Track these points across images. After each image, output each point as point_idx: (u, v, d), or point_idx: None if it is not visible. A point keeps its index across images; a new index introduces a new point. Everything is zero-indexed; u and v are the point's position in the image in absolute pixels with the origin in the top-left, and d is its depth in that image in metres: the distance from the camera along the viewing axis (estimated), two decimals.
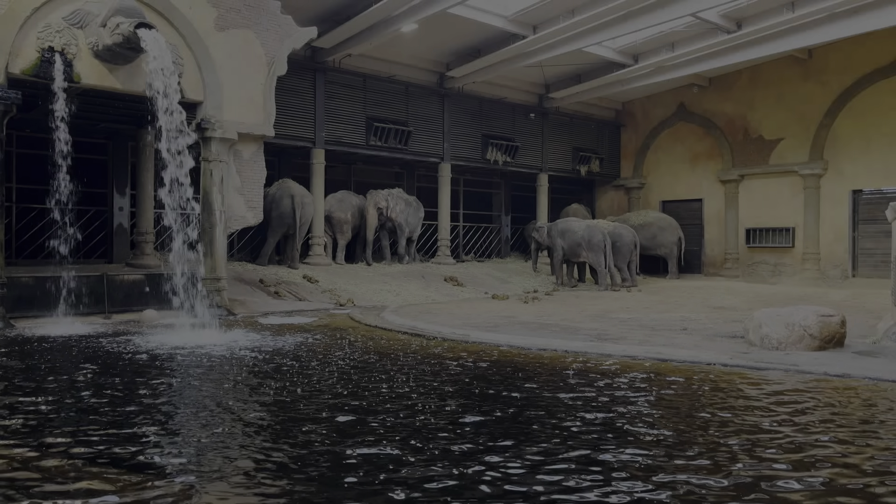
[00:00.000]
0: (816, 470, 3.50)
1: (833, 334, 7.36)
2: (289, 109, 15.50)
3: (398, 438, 4.05)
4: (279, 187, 15.47)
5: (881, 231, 17.57)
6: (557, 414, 4.74)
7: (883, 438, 4.17)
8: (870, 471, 3.50)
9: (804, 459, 3.68)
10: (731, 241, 20.72)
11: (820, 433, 4.22)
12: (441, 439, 4.06)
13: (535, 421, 4.56)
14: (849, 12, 14.35)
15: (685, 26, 16.45)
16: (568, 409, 4.89)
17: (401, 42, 16.73)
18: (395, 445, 3.90)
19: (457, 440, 4.04)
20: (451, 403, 5.11)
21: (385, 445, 3.89)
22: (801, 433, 4.22)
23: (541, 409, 4.92)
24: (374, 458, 3.67)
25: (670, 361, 6.80)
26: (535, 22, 16.01)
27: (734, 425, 4.41)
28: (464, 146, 19.38)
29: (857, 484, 3.30)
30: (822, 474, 3.43)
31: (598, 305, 12.91)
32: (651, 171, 22.96)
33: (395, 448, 3.84)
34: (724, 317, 10.94)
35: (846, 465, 3.58)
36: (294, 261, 15.49)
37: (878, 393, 5.45)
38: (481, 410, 4.82)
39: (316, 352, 7.46)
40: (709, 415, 4.72)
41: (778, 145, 19.73)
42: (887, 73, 17.52)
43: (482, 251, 22.11)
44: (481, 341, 8.17)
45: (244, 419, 4.59)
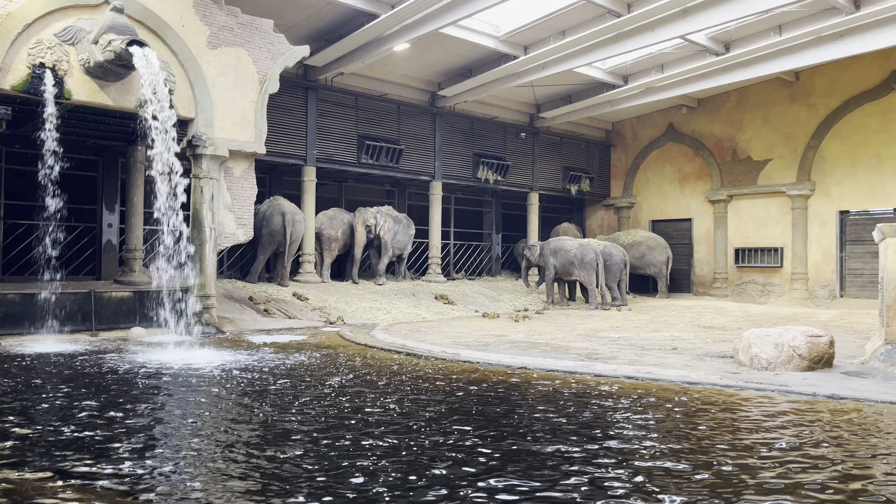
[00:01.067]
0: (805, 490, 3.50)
1: (822, 355, 7.39)
2: (280, 127, 15.53)
3: (388, 463, 4.02)
4: (270, 205, 15.45)
5: (868, 252, 17.72)
6: (548, 435, 4.71)
7: (870, 464, 4.17)
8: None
9: (796, 482, 3.68)
10: (721, 261, 20.83)
11: (811, 454, 4.22)
12: (436, 464, 4.03)
13: (524, 443, 4.53)
14: (834, 36, 14.57)
15: (674, 48, 16.65)
16: (558, 429, 4.87)
17: (393, 61, 16.84)
18: (386, 470, 3.86)
19: (448, 463, 4.01)
20: (444, 426, 5.08)
21: (376, 474, 3.85)
22: (793, 453, 4.21)
23: (532, 429, 4.89)
24: (366, 488, 3.63)
25: (661, 381, 6.80)
26: (527, 43, 16.16)
27: (726, 445, 4.40)
28: (455, 165, 19.45)
29: None
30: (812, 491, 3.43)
31: (589, 324, 12.91)
32: (641, 191, 23.10)
33: (385, 471, 3.81)
34: (714, 336, 10.96)
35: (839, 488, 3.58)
36: (284, 278, 15.43)
37: (867, 414, 5.46)
38: (472, 432, 4.79)
39: (304, 371, 7.41)
40: (701, 436, 4.71)
41: (766, 166, 19.91)
42: (873, 96, 17.77)
43: (473, 269, 22.12)
44: (472, 360, 8.14)
45: (226, 443, 4.54)
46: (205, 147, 11.19)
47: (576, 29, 15.23)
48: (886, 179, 17.53)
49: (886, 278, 8.13)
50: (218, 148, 11.31)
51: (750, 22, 15.00)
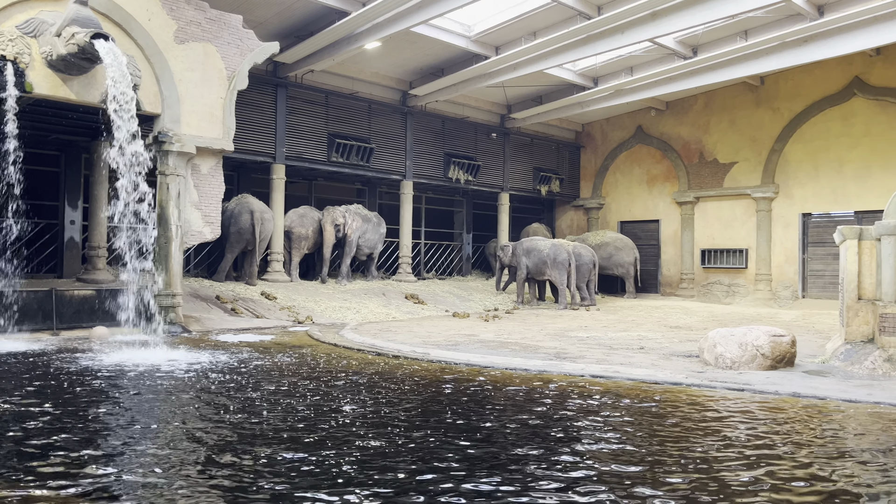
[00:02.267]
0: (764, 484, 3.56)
1: (784, 354, 7.53)
2: (249, 124, 15.36)
3: (356, 465, 3.99)
4: (238, 202, 15.25)
5: (829, 254, 18.12)
6: (516, 434, 4.72)
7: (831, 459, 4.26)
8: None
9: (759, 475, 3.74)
10: (687, 262, 21.13)
11: (770, 450, 4.29)
12: (402, 467, 4.01)
13: (492, 442, 4.54)
14: (798, 42, 14.87)
15: (644, 51, 16.84)
16: (525, 427, 4.89)
17: (364, 59, 16.76)
18: (352, 468, 3.83)
19: (415, 462, 4.00)
20: (412, 425, 5.06)
21: (343, 475, 3.82)
22: (754, 449, 4.29)
23: (500, 429, 4.90)
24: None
25: (628, 380, 6.87)
26: (498, 43, 16.21)
27: (691, 442, 4.46)
28: (426, 164, 19.43)
29: None
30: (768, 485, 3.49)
31: (558, 324, 13.00)
32: (610, 192, 23.33)
33: (353, 471, 3.78)
34: (680, 336, 11.11)
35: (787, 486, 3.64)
36: (252, 277, 15.25)
37: (827, 412, 5.58)
38: (441, 431, 4.78)
39: (271, 371, 7.33)
40: (667, 433, 4.77)
41: (732, 169, 20.25)
42: (835, 101, 18.17)
43: (444, 269, 22.12)
44: (442, 360, 8.13)
45: (187, 449, 4.47)
46: (171, 143, 11.01)
47: (547, 30, 15.33)
48: (847, 183, 17.94)
49: (846, 279, 8.31)
50: (185, 144, 11.14)
51: (717, 27, 15.25)
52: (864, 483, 3.74)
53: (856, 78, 17.70)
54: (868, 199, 17.34)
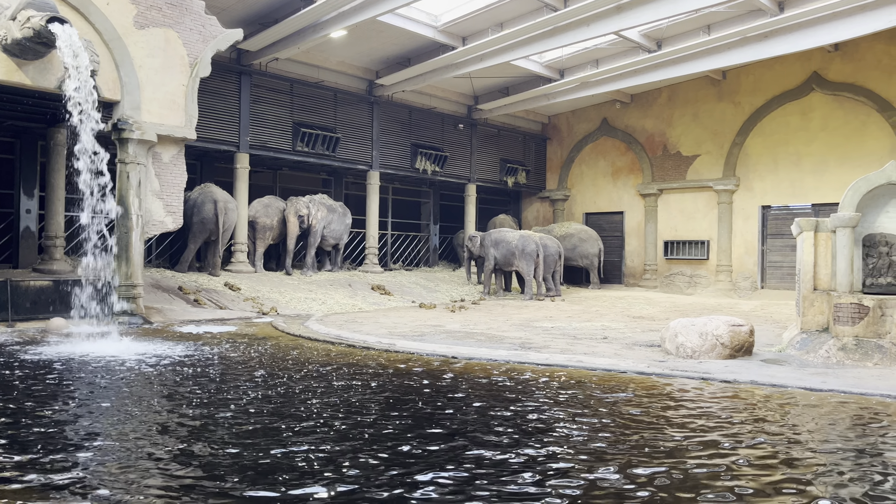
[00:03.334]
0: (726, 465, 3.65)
1: (742, 343, 7.71)
2: (212, 112, 15.10)
3: (319, 455, 3.97)
4: (201, 192, 15.01)
5: (787, 245, 18.56)
6: (479, 423, 4.76)
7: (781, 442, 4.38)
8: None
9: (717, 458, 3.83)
10: (651, 253, 21.44)
11: (726, 433, 4.40)
12: (373, 461, 4.01)
13: (456, 433, 4.56)
14: (759, 37, 15.15)
15: (609, 44, 16.99)
16: (489, 416, 4.92)
17: (329, 48, 16.59)
18: (318, 463, 3.82)
19: (379, 453, 4.00)
20: (376, 416, 5.06)
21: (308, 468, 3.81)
22: (712, 435, 4.39)
23: (464, 418, 4.93)
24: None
25: (591, 369, 6.96)
26: (465, 34, 16.19)
27: (652, 430, 4.54)
28: (393, 154, 19.34)
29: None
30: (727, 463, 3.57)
31: (524, 315, 13.09)
32: (575, 184, 23.52)
33: (318, 464, 3.76)
34: (643, 326, 11.28)
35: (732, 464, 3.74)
36: (215, 268, 15.04)
37: (781, 399, 5.73)
38: (404, 422, 4.79)
39: (234, 362, 7.26)
40: (628, 421, 4.85)
41: (694, 161, 20.58)
42: (794, 96, 18.57)
43: (411, 260, 22.10)
44: (407, 350, 8.14)
45: (148, 442, 4.41)
46: (131, 131, 10.77)
47: (514, 21, 15.36)
48: (805, 176, 18.38)
49: (803, 270, 8.53)
50: (145, 132, 10.91)
51: (681, 21, 15.45)
52: (815, 465, 3.85)
53: (814, 73, 18.10)
54: (825, 192, 17.79)
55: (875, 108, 17.14)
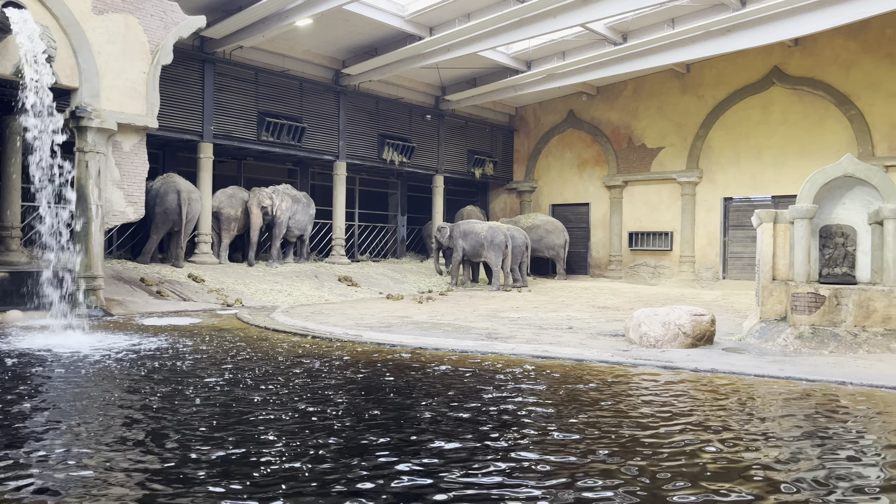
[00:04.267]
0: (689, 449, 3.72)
1: (704, 332, 7.85)
2: (175, 101, 14.82)
3: (284, 451, 3.95)
4: (164, 182, 14.74)
5: (748, 236, 18.95)
6: (446, 414, 4.78)
7: (735, 427, 4.49)
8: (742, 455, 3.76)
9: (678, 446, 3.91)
10: (616, 244, 21.70)
11: (687, 421, 4.49)
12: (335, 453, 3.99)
13: (423, 425, 4.57)
14: (722, 31, 15.38)
15: (575, 36, 17.09)
16: (455, 406, 4.95)
17: (295, 36, 16.40)
18: (281, 457, 3.79)
19: (345, 446, 3.99)
20: (342, 407, 5.04)
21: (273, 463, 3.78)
22: (673, 421, 4.47)
23: (431, 408, 4.94)
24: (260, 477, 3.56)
25: (557, 359, 7.03)
26: (432, 24, 16.13)
27: (615, 416, 4.61)
28: (360, 145, 19.22)
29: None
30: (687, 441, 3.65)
31: (490, 305, 13.16)
32: (542, 176, 23.66)
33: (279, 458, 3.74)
34: (608, 316, 11.43)
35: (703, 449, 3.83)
36: (179, 259, 14.81)
37: (741, 387, 5.86)
38: (371, 413, 4.79)
39: (198, 355, 7.16)
40: (592, 409, 4.91)
41: (659, 154, 20.85)
42: (756, 90, 18.91)
43: (378, 251, 22.02)
44: (374, 341, 8.12)
45: (108, 439, 4.33)
46: (90, 119, 10.52)
47: (481, 12, 15.34)
48: (766, 169, 18.75)
49: (762, 261, 8.72)
50: (105, 120, 10.67)
51: (646, 14, 15.60)
52: (772, 448, 3.96)
53: (775, 67, 18.45)
54: (784, 184, 18.18)
55: (833, 103, 17.55)
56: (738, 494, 3.22)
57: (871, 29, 16.82)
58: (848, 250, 8.44)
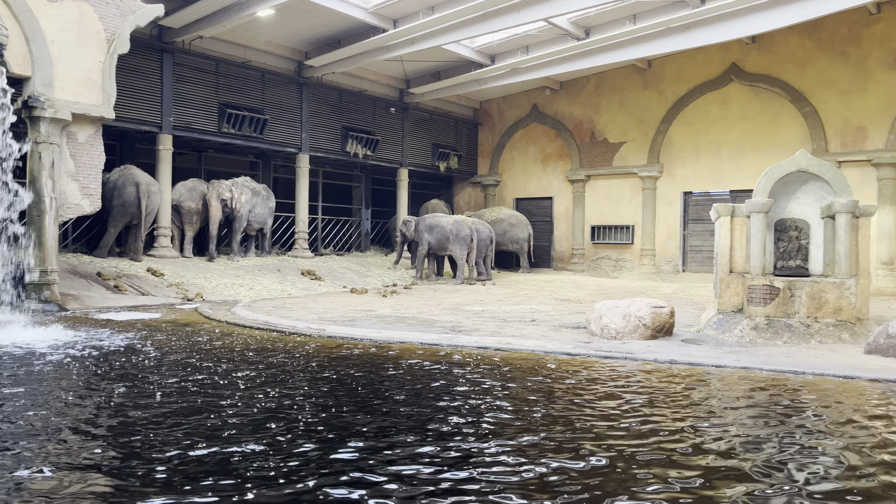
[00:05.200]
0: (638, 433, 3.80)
1: (664, 324, 8.00)
2: (133, 91, 14.49)
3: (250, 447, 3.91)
4: (121, 174, 14.41)
5: (707, 230, 19.32)
6: (409, 406, 4.78)
7: (695, 413, 4.59)
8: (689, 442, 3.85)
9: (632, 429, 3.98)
10: (578, 238, 21.92)
11: (645, 407, 4.58)
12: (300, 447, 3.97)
13: (386, 418, 4.57)
14: (682, 28, 15.62)
15: (539, 30, 17.16)
16: (418, 398, 4.96)
17: (257, 27, 16.16)
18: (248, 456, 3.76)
19: (310, 439, 3.97)
20: (304, 401, 5.01)
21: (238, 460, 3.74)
22: (635, 409, 4.55)
23: (393, 401, 4.95)
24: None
25: (519, 351, 7.09)
26: (396, 16, 16.04)
27: (576, 407, 4.67)
28: (323, 137, 19.05)
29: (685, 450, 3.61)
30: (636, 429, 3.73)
31: (455, 299, 13.19)
32: (506, 170, 23.77)
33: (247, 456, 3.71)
34: (570, 309, 11.55)
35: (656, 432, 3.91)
36: (137, 253, 14.51)
37: (698, 377, 5.99)
38: (330, 409, 4.77)
39: (156, 350, 7.04)
40: (554, 398, 4.97)
41: (620, 148, 21.10)
42: (715, 86, 19.25)
43: (342, 245, 21.89)
44: (337, 335, 8.08)
45: (64, 437, 4.24)
46: (43, 109, 10.23)
47: (445, 5, 15.29)
48: (724, 163, 19.12)
49: (720, 254, 8.90)
50: (59, 110, 10.39)
51: (608, 9, 15.73)
52: (728, 435, 4.06)
53: (733, 64, 18.80)
54: (741, 178, 18.57)
55: (788, 99, 17.96)
56: (698, 471, 3.29)
57: (825, 28, 17.25)
58: (801, 243, 8.67)
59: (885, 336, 6.87)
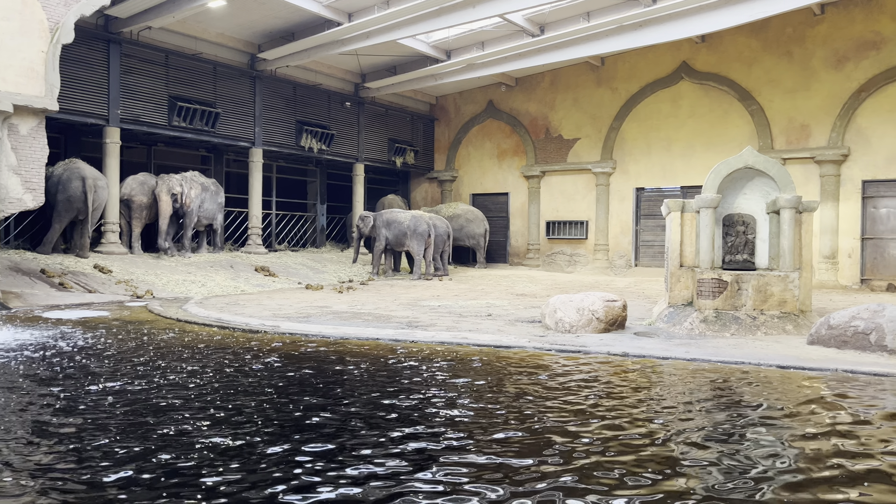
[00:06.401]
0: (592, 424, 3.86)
1: (616, 317, 8.14)
2: (78, 83, 14.05)
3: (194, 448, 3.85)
4: (66, 168, 13.96)
5: (658, 225, 19.71)
6: (364, 402, 4.77)
7: (647, 403, 4.69)
8: (637, 426, 3.93)
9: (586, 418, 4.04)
10: (534, 233, 22.13)
11: (599, 398, 4.66)
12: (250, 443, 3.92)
13: (340, 414, 4.55)
14: (634, 26, 15.87)
15: (494, 26, 17.23)
16: (374, 393, 4.94)
17: (208, 18, 15.83)
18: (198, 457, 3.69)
19: (265, 438, 3.93)
20: (258, 399, 4.95)
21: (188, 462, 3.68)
22: (589, 399, 4.62)
23: (348, 397, 4.92)
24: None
25: (475, 345, 7.13)
26: (351, 10, 15.91)
27: (531, 397, 4.72)
28: (277, 131, 18.78)
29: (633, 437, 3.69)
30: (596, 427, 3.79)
31: (411, 294, 13.18)
32: (462, 165, 23.83)
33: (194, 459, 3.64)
34: (526, 303, 11.66)
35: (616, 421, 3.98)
36: (84, 249, 14.09)
37: (648, 368, 6.11)
38: (284, 407, 4.73)
39: (103, 349, 6.86)
40: (511, 392, 5.01)
41: (575, 145, 21.35)
42: (666, 84, 19.62)
43: (297, 240, 21.64)
44: (292, 332, 8.00)
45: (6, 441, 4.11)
46: None
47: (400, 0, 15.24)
48: (675, 160, 19.53)
49: (670, 248, 9.09)
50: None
51: (563, 6, 15.90)
52: (677, 422, 4.16)
53: (683, 63, 19.19)
54: (692, 175, 18.99)
55: (736, 98, 18.43)
56: (646, 458, 3.37)
57: (771, 28, 17.74)
58: (748, 238, 8.91)
59: (826, 327, 7.12)
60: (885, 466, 3.49)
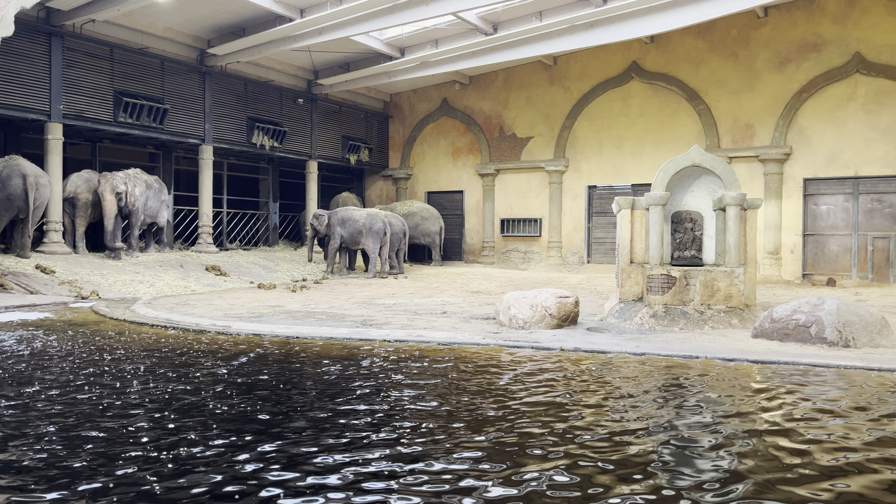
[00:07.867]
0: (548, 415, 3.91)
1: (569, 313, 8.25)
2: (18, 77, 13.56)
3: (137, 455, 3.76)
4: (6, 165, 13.45)
5: (610, 222, 20.03)
6: (316, 401, 4.73)
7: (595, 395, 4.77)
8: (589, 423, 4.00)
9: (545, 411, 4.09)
10: (489, 231, 22.26)
11: (550, 392, 4.72)
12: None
13: (294, 413, 4.50)
14: (586, 26, 16.09)
15: (448, 24, 17.25)
16: (332, 396, 4.91)
17: (155, 12, 15.45)
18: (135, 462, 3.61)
19: (216, 439, 3.86)
20: (208, 401, 4.86)
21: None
22: (538, 394, 4.68)
23: (303, 397, 4.87)
24: None
25: (430, 343, 7.13)
26: (303, 5, 15.72)
27: (487, 394, 4.75)
28: (228, 128, 18.45)
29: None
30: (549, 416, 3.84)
31: (366, 292, 13.12)
32: (417, 163, 23.81)
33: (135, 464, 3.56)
34: (480, 300, 11.72)
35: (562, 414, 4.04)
36: (25, 249, 13.60)
37: (600, 362, 6.22)
38: (233, 410, 4.66)
39: (45, 352, 6.64)
40: (464, 388, 5.03)
41: (528, 143, 21.54)
42: (616, 83, 19.95)
43: (249, 239, 21.30)
44: (243, 332, 7.88)
45: None
46: None
47: None
48: (626, 158, 19.88)
49: (621, 245, 9.26)
50: None
51: (515, 5, 16.02)
52: (627, 411, 4.24)
53: (633, 63, 19.54)
54: (642, 173, 19.36)
55: (684, 97, 18.85)
56: (597, 445, 3.43)
57: (717, 30, 18.20)
58: (696, 234, 9.14)
59: (769, 321, 7.34)
60: (819, 452, 3.62)
